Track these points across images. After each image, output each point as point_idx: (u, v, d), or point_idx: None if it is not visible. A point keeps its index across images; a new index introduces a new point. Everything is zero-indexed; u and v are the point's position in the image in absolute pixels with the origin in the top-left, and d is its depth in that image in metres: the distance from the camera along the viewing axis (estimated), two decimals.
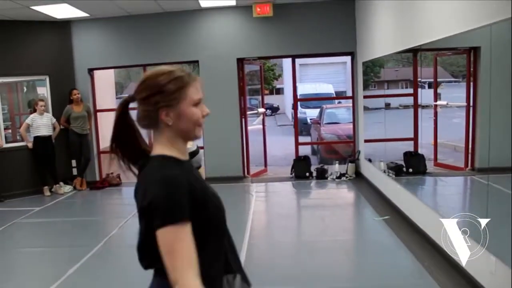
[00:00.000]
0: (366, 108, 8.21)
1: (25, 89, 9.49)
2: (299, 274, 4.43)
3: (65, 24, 8.72)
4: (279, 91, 35.05)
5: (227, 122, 8.77)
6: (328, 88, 20.24)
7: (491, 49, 3.73)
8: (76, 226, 6.53)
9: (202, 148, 7.89)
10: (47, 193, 8.30)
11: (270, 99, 32.54)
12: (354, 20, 8.39)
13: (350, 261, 4.81)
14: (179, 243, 1.49)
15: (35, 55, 8.51)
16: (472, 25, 3.65)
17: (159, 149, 1.68)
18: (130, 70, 47.10)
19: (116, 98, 28.11)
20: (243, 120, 9.07)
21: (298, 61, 31.18)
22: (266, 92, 36.09)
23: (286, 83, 31.92)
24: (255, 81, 37.24)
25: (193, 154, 4.24)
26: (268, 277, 4.31)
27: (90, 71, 9.01)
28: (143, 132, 1.77)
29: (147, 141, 1.79)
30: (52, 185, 8.45)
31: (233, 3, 8.25)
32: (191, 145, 4.13)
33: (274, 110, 29.42)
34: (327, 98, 17.62)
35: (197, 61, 8.81)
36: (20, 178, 8.29)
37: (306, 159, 8.95)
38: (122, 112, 1.72)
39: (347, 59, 9.79)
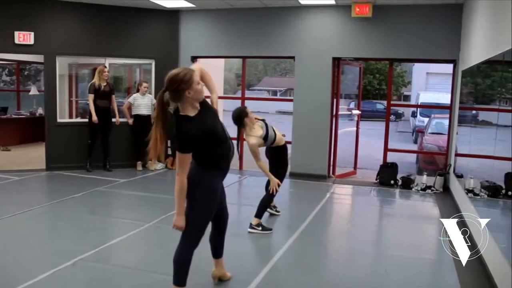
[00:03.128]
0: (487, 123, 7.51)
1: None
2: (328, 284, 4.34)
3: (174, 13, 9.32)
4: (406, 98, 33.73)
5: (317, 120, 8.75)
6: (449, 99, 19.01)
7: None
8: (146, 201, 6.88)
9: (289, 143, 7.82)
10: (139, 168, 8.98)
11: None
12: (460, 26, 7.82)
13: (387, 275, 4.52)
14: (182, 161, 3.12)
15: (144, 40, 9.23)
16: None
17: (184, 111, 3.15)
18: (267, 66, 48.10)
19: (248, 89, 29.46)
20: (334, 120, 8.97)
21: (425, 69, 29.63)
22: (394, 98, 35.10)
23: (413, 90, 30.62)
24: (382, 85, 35.93)
25: None
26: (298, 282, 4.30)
27: (194, 58, 9.50)
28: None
29: None
30: (146, 161, 9.11)
31: (332, 1, 8.16)
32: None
33: (398, 116, 28.46)
34: (428, 107, 16.98)
35: (293, 57, 8.89)
36: (121, 151, 9.04)
37: (393, 166, 8.58)
38: (161, 98, 3.18)
39: None
